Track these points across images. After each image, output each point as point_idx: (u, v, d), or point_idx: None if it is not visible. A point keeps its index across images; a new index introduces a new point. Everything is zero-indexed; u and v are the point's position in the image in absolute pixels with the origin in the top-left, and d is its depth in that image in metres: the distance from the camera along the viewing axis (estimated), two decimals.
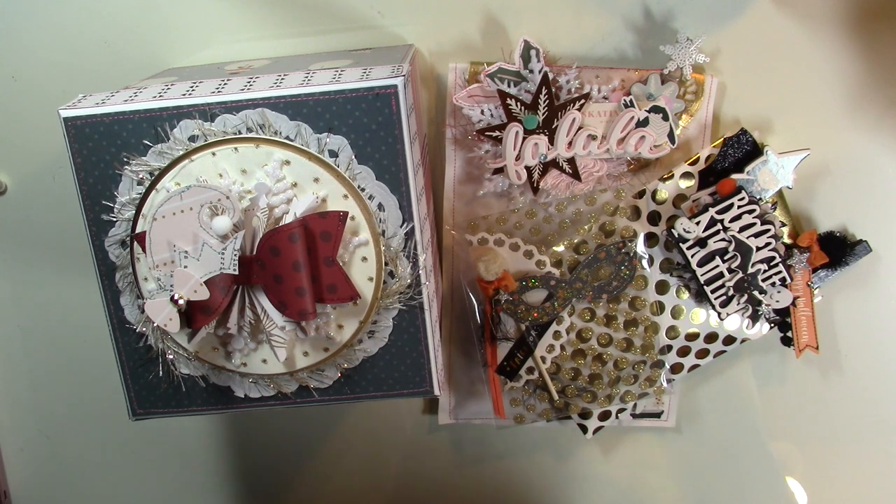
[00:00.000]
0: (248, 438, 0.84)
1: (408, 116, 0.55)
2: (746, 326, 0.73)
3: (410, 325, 0.59)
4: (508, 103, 0.65)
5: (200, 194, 0.52)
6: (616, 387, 0.74)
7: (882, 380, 0.77)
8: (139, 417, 0.63)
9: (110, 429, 0.83)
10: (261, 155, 0.55)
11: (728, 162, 0.69)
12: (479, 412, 0.79)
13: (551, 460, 0.82)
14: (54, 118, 0.55)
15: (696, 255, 0.69)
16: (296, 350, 0.59)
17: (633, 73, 0.68)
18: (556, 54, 0.69)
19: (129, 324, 0.60)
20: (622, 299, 0.72)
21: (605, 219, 0.71)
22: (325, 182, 0.55)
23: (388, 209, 0.56)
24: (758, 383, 0.78)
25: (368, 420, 0.82)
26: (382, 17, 0.70)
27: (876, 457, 0.80)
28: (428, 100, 0.71)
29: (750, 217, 0.67)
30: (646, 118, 0.67)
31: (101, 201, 0.57)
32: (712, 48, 0.69)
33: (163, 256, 0.54)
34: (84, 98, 0.57)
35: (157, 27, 0.70)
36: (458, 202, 0.73)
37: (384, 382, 0.61)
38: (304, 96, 0.54)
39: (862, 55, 0.69)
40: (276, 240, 0.52)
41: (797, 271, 0.71)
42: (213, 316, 0.54)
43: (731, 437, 0.80)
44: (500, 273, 0.69)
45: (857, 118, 0.70)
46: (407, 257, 0.57)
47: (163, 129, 0.55)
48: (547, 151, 0.67)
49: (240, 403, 0.62)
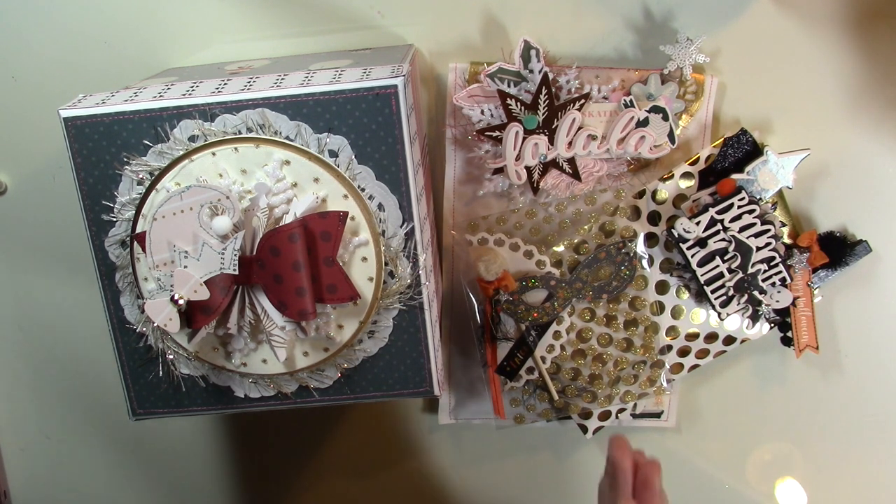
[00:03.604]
0: (248, 438, 0.84)
1: (408, 116, 0.55)
2: (746, 326, 0.73)
3: (410, 325, 0.59)
4: (508, 103, 0.65)
5: (200, 194, 0.52)
6: (616, 387, 0.74)
7: (882, 380, 0.77)
8: (139, 417, 0.63)
9: (110, 429, 0.83)
10: (261, 155, 0.55)
11: (728, 162, 0.69)
12: (479, 412, 0.79)
13: (551, 460, 0.82)
14: (54, 118, 0.55)
15: (696, 255, 0.69)
16: (296, 350, 0.59)
17: (633, 73, 0.68)
18: (556, 54, 0.69)
19: (129, 324, 0.60)
20: (622, 299, 0.72)
21: (605, 219, 0.71)
22: (325, 182, 0.55)
23: (388, 209, 0.56)
24: (758, 383, 0.78)
25: (368, 420, 0.82)
26: (382, 17, 0.70)
27: (876, 457, 0.80)
28: (428, 100, 0.71)
29: (750, 217, 0.67)
30: (646, 118, 0.67)
31: (101, 201, 0.57)
32: (712, 48, 0.69)
33: (163, 256, 0.54)
34: (84, 98, 0.57)
35: (157, 27, 0.70)
36: (458, 202, 0.73)
37: (384, 382, 0.61)
38: (304, 96, 0.54)
39: (862, 55, 0.69)
40: (276, 240, 0.52)
41: (797, 271, 0.71)
42: (213, 316, 0.54)
43: (731, 437, 0.80)
44: (500, 273, 0.69)
45: (857, 118, 0.70)
46: (407, 257, 0.57)
47: (163, 129, 0.55)
48: (547, 151, 0.67)
49: (240, 403, 0.62)
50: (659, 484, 0.60)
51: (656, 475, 0.60)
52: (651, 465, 0.61)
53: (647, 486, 0.60)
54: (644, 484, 0.60)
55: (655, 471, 0.60)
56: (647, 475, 0.60)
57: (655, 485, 0.60)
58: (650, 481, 0.60)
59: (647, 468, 0.60)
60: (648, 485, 0.60)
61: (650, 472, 0.60)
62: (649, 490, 0.59)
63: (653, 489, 0.59)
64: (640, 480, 0.60)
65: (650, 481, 0.60)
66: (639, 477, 0.60)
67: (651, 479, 0.60)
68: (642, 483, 0.60)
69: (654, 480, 0.60)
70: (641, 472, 0.60)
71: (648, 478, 0.60)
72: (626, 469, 0.60)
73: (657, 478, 0.60)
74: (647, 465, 0.61)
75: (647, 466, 0.60)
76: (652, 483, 0.60)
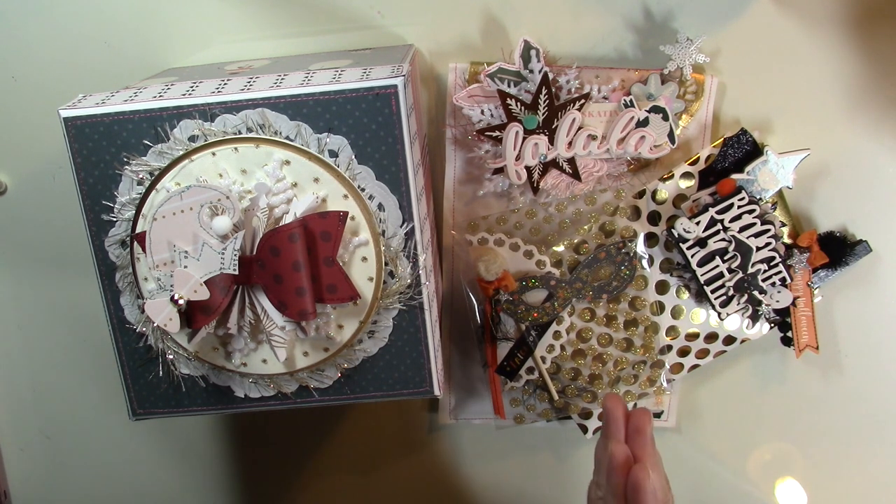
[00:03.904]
0: (248, 438, 0.84)
1: (408, 116, 0.55)
2: (746, 326, 0.73)
3: (410, 325, 0.59)
4: (508, 103, 0.65)
5: (200, 194, 0.52)
6: (616, 387, 0.74)
7: (882, 380, 0.77)
8: (139, 417, 0.63)
9: (110, 429, 0.83)
10: (261, 155, 0.55)
11: (728, 162, 0.69)
12: (479, 412, 0.79)
13: (551, 460, 0.82)
14: (54, 118, 0.55)
15: (696, 255, 0.69)
16: (296, 350, 0.59)
17: (633, 73, 0.68)
18: (556, 54, 0.69)
19: (129, 324, 0.60)
20: (622, 299, 0.72)
21: (605, 219, 0.71)
22: (325, 182, 0.55)
23: (388, 209, 0.56)
24: (758, 383, 0.78)
25: (368, 420, 0.82)
26: (382, 17, 0.70)
27: (876, 457, 0.80)
28: (428, 100, 0.71)
29: (750, 217, 0.67)
30: (646, 118, 0.67)
31: (101, 201, 0.57)
32: (712, 48, 0.69)
33: (163, 256, 0.54)
34: (84, 98, 0.57)
35: (157, 27, 0.70)
36: (458, 202, 0.73)
37: (384, 382, 0.61)
38: (304, 96, 0.54)
39: (862, 55, 0.69)
40: (276, 240, 0.52)
41: (797, 271, 0.71)
42: (213, 316, 0.54)
43: (731, 437, 0.80)
44: (500, 273, 0.69)
45: (857, 118, 0.70)
46: (407, 257, 0.57)
47: (163, 129, 0.55)
48: (547, 151, 0.67)
49: (240, 403, 0.62)
50: (650, 431, 0.60)
51: (647, 423, 0.60)
52: (642, 412, 0.60)
53: (640, 432, 0.59)
54: (636, 430, 0.60)
55: (647, 418, 0.60)
56: (639, 423, 0.60)
57: (647, 431, 0.59)
58: (642, 428, 0.60)
59: (639, 415, 0.60)
60: (641, 431, 0.59)
61: (642, 418, 0.60)
62: (641, 436, 0.59)
63: (644, 435, 0.59)
64: (632, 427, 0.60)
65: (642, 428, 0.60)
66: (630, 424, 0.60)
67: (643, 426, 0.60)
68: (634, 429, 0.60)
69: (645, 427, 0.60)
70: (633, 419, 0.60)
71: (640, 425, 0.60)
72: (618, 417, 0.60)
73: (648, 425, 0.60)
74: (639, 413, 0.60)
75: (639, 413, 0.60)
76: (644, 429, 0.59)
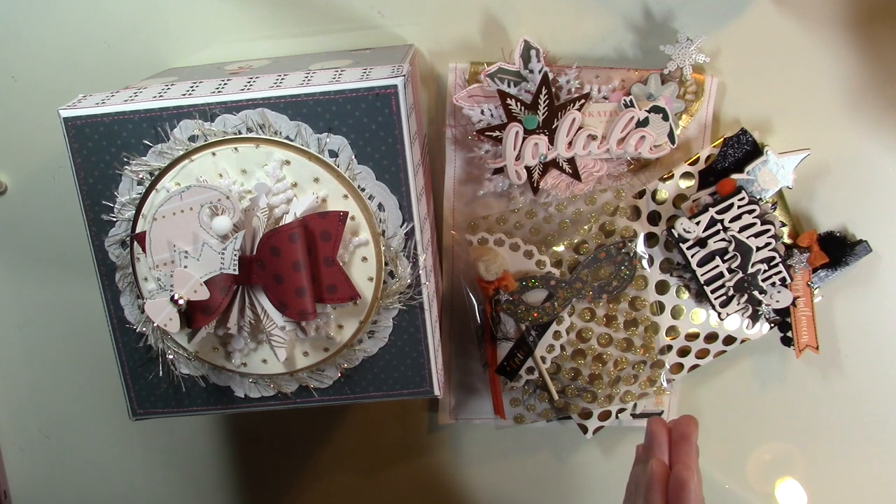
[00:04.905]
0: (248, 438, 0.84)
1: (408, 116, 0.55)
2: (746, 326, 0.73)
3: (410, 325, 0.59)
4: (508, 103, 0.65)
5: (200, 194, 0.52)
6: (616, 387, 0.74)
7: (882, 380, 0.77)
8: (139, 417, 0.63)
9: (110, 429, 0.83)
10: (261, 155, 0.55)
11: (728, 162, 0.69)
12: (479, 412, 0.79)
13: (551, 460, 0.82)
14: (54, 118, 0.55)
15: (696, 255, 0.69)
16: (296, 350, 0.59)
17: (633, 73, 0.68)
18: (556, 54, 0.69)
19: (129, 324, 0.60)
20: (622, 299, 0.72)
21: (605, 219, 0.71)
22: (325, 182, 0.55)
23: (388, 209, 0.56)
24: (758, 383, 0.78)
25: (368, 420, 0.82)
26: (382, 17, 0.70)
27: (876, 457, 0.80)
28: (428, 100, 0.71)
29: (750, 217, 0.68)
30: (646, 118, 0.67)
31: (101, 201, 0.57)
32: (712, 48, 0.69)
33: (163, 256, 0.54)
34: (84, 98, 0.57)
35: (157, 27, 0.70)
36: (458, 202, 0.73)
37: (384, 382, 0.61)
38: (304, 96, 0.54)
39: (862, 55, 0.69)
40: (276, 240, 0.52)
41: (797, 271, 0.71)
42: (213, 316, 0.54)
43: (731, 437, 0.80)
44: (500, 273, 0.69)
45: (857, 118, 0.70)
46: (407, 257, 0.57)
47: (163, 129, 0.55)
48: (547, 151, 0.67)
49: (240, 403, 0.62)
50: (695, 440, 0.55)
51: (694, 430, 0.55)
52: (688, 419, 0.56)
53: (685, 438, 0.55)
54: (682, 437, 0.55)
55: (693, 425, 0.56)
56: (686, 429, 0.56)
57: (692, 439, 0.55)
58: (688, 435, 0.55)
59: (684, 422, 0.56)
60: (686, 438, 0.55)
61: (688, 425, 0.56)
62: (687, 443, 0.55)
63: (690, 443, 0.55)
64: (677, 433, 0.56)
65: (688, 435, 0.55)
66: (675, 430, 0.56)
67: (689, 433, 0.55)
68: (680, 436, 0.55)
69: (691, 434, 0.55)
70: (678, 426, 0.56)
71: (687, 432, 0.55)
72: (663, 442, 0.56)
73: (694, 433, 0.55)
74: (684, 420, 0.56)
75: (684, 421, 0.56)
76: (689, 437, 0.55)
